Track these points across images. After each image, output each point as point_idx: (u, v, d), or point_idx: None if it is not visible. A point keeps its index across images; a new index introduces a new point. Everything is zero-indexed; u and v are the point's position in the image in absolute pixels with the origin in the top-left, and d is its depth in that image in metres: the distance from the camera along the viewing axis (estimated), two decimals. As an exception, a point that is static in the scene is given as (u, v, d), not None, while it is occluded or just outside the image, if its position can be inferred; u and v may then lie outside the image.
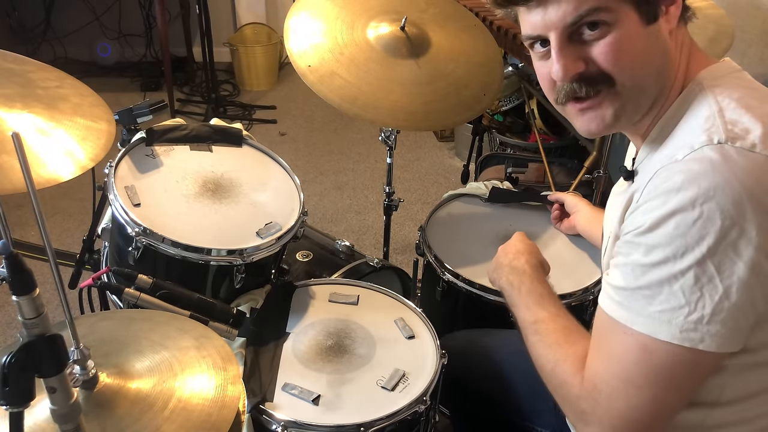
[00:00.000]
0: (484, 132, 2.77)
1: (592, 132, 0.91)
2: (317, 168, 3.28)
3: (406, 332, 1.32)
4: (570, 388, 0.90)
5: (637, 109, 0.89)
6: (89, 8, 4.05)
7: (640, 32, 0.84)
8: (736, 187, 0.75)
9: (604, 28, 0.83)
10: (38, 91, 1.25)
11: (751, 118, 0.80)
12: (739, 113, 0.81)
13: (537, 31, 0.87)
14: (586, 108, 0.89)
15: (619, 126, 0.91)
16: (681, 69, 0.89)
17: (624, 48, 0.84)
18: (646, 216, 0.79)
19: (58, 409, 0.76)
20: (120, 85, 4.00)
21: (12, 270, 0.69)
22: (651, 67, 0.86)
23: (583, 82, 0.87)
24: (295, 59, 1.55)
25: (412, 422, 1.19)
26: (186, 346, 0.98)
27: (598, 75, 0.86)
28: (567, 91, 0.89)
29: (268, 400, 1.15)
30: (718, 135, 0.79)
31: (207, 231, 1.32)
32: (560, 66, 0.86)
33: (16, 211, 2.70)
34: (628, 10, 0.83)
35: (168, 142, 1.47)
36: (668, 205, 0.77)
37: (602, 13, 0.82)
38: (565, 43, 0.86)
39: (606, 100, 0.88)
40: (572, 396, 0.89)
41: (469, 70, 1.70)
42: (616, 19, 0.83)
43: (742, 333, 0.79)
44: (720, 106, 0.83)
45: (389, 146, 1.81)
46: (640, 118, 0.91)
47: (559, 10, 0.84)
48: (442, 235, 1.60)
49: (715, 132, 0.79)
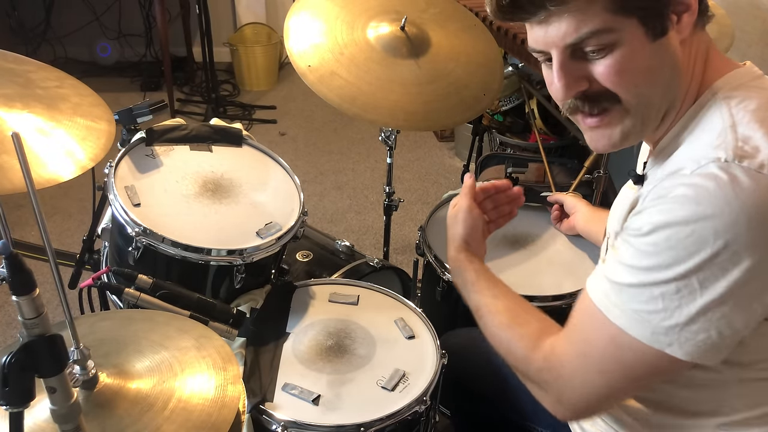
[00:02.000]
0: (484, 132, 2.77)
1: (599, 149, 0.90)
2: (317, 168, 3.28)
3: (406, 332, 1.32)
4: (530, 363, 0.94)
5: (646, 124, 0.86)
6: (89, 8, 4.04)
7: (646, 49, 0.80)
8: (736, 209, 0.73)
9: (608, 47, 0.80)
10: (38, 91, 1.25)
11: (764, 135, 0.78)
12: (752, 128, 0.79)
13: (539, 47, 0.85)
14: (594, 126, 0.88)
15: (628, 143, 0.89)
16: (696, 76, 0.86)
17: (628, 68, 0.81)
18: (645, 220, 0.79)
19: (58, 409, 0.76)
20: (120, 85, 4.00)
21: (12, 270, 0.69)
22: (658, 84, 0.83)
23: (587, 101, 0.85)
24: (295, 59, 1.55)
25: (412, 422, 1.19)
26: (186, 346, 0.98)
27: (602, 93, 0.84)
28: (571, 107, 0.87)
29: (268, 400, 1.16)
30: (726, 152, 0.77)
31: (207, 231, 1.32)
32: (561, 85, 0.84)
33: (16, 211, 2.70)
34: (633, 28, 0.79)
35: (168, 142, 1.47)
36: (666, 215, 0.77)
37: (604, 35, 0.79)
38: (566, 61, 0.83)
39: (614, 118, 0.85)
40: (533, 369, 0.94)
41: (469, 70, 1.70)
42: (620, 39, 0.79)
43: (717, 348, 0.79)
44: (734, 119, 0.80)
45: (389, 146, 1.81)
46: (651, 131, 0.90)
47: (560, 30, 0.81)
48: (442, 235, 1.59)
49: (724, 149, 0.78)
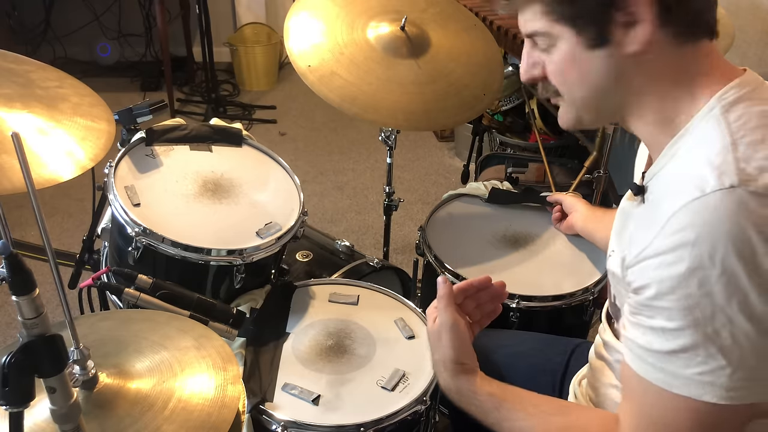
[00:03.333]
0: (484, 132, 2.77)
1: (562, 125, 0.96)
2: (317, 168, 3.28)
3: (406, 332, 1.32)
4: None
5: (598, 119, 0.91)
6: (89, 8, 4.04)
7: (582, 56, 0.84)
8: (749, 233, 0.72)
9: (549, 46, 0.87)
10: (38, 91, 1.25)
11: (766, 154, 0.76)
12: (753, 147, 0.77)
13: None
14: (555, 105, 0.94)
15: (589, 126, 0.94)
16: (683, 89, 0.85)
17: (563, 68, 0.87)
18: (664, 273, 0.76)
19: (57, 409, 0.76)
20: (120, 85, 4.00)
21: (12, 270, 0.69)
22: (597, 90, 0.86)
23: (542, 85, 0.93)
24: (295, 59, 1.55)
25: (412, 422, 1.19)
26: (186, 346, 0.98)
27: (550, 83, 0.91)
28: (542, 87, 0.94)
29: (268, 400, 1.16)
30: (730, 177, 0.75)
31: (207, 231, 1.33)
32: (522, 66, 0.93)
33: (16, 211, 2.70)
34: (568, 35, 0.84)
35: (168, 142, 1.47)
36: (685, 262, 0.74)
37: (542, 36, 0.87)
38: (528, 47, 0.91)
39: (564, 105, 0.92)
40: None
41: (469, 70, 1.70)
42: (556, 43, 0.86)
43: None
44: (733, 138, 0.78)
45: (389, 146, 1.81)
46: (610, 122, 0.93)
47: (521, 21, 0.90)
48: (442, 235, 1.60)
49: (727, 172, 0.75)
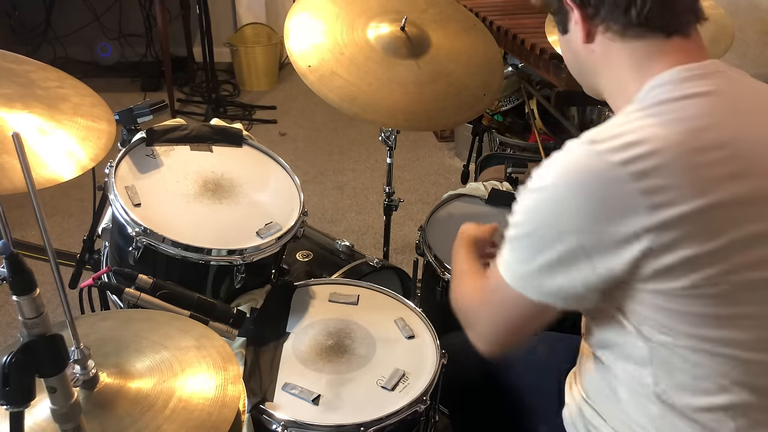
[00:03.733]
0: (484, 132, 2.77)
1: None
2: (317, 168, 3.28)
3: (406, 332, 1.32)
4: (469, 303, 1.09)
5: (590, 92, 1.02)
6: (89, 8, 4.04)
7: (562, 39, 1.01)
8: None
9: None
10: (38, 91, 1.25)
11: (623, 132, 0.83)
12: (619, 129, 0.84)
13: None
14: None
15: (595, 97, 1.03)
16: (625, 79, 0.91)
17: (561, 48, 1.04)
18: None
19: (58, 409, 0.76)
20: (120, 85, 4.00)
21: (12, 270, 0.69)
22: (573, 70, 1.02)
23: None
24: (295, 59, 1.55)
25: (412, 422, 1.19)
26: (186, 346, 0.98)
27: None
28: None
29: (268, 400, 1.16)
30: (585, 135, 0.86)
31: (207, 231, 1.33)
32: None
33: (17, 211, 2.70)
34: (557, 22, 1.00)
35: (168, 142, 1.47)
36: None
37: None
38: None
39: None
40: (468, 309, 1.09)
41: (469, 70, 1.70)
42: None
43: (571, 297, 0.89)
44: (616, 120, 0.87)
45: (389, 146, 1.81)
46: None
47: None
48: (442, 235, 1.60)
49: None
